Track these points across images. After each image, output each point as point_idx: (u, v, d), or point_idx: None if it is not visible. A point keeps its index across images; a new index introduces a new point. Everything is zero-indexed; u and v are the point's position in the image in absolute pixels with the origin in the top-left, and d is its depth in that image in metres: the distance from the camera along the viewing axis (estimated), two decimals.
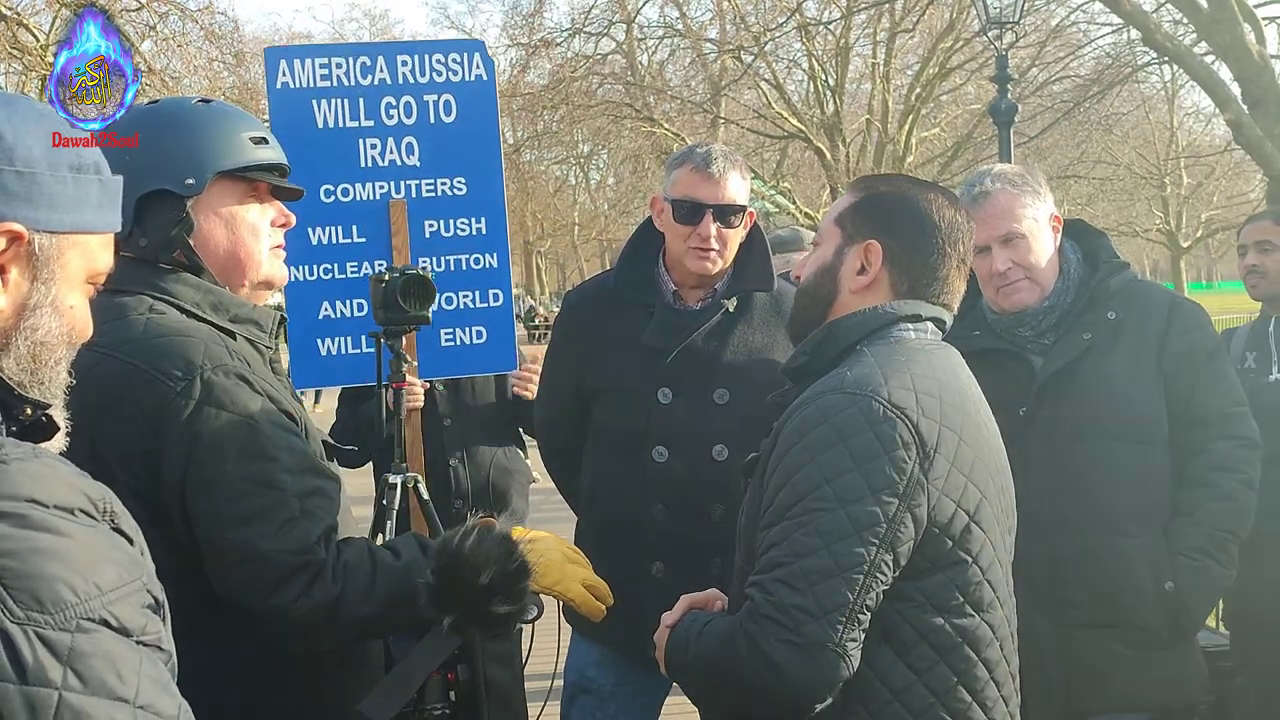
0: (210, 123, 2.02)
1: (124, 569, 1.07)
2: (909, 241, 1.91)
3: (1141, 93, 27.06)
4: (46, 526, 1.02)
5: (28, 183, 1.17)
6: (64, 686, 0.98)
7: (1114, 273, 2.79)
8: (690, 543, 2.76)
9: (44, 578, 0.99)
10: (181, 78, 23.02)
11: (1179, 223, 36.46)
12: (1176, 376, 2.72)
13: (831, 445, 1.72)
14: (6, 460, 1.04)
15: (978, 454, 1.83)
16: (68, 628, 0.99)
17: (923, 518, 1.73)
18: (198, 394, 1.82)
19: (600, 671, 2.93)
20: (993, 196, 2.77)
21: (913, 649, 1.76)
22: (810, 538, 1.69)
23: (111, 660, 1.01)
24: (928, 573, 1.75)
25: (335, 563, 1.88)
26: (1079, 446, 2.67)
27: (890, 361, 1.81)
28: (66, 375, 1.26)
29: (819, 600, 1.66)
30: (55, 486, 1.05)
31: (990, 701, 1.81)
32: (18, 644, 0.97)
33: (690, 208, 2.79)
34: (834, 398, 1.76)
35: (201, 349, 1.86)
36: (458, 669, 2.22)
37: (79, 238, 1.23)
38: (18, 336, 1.19)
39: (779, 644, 1.67)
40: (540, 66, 25.84)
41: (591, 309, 2.99)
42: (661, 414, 2.79)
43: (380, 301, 2.95)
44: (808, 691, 1.68)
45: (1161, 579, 2.65)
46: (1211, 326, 2.85)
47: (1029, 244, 2.76)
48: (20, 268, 1.18)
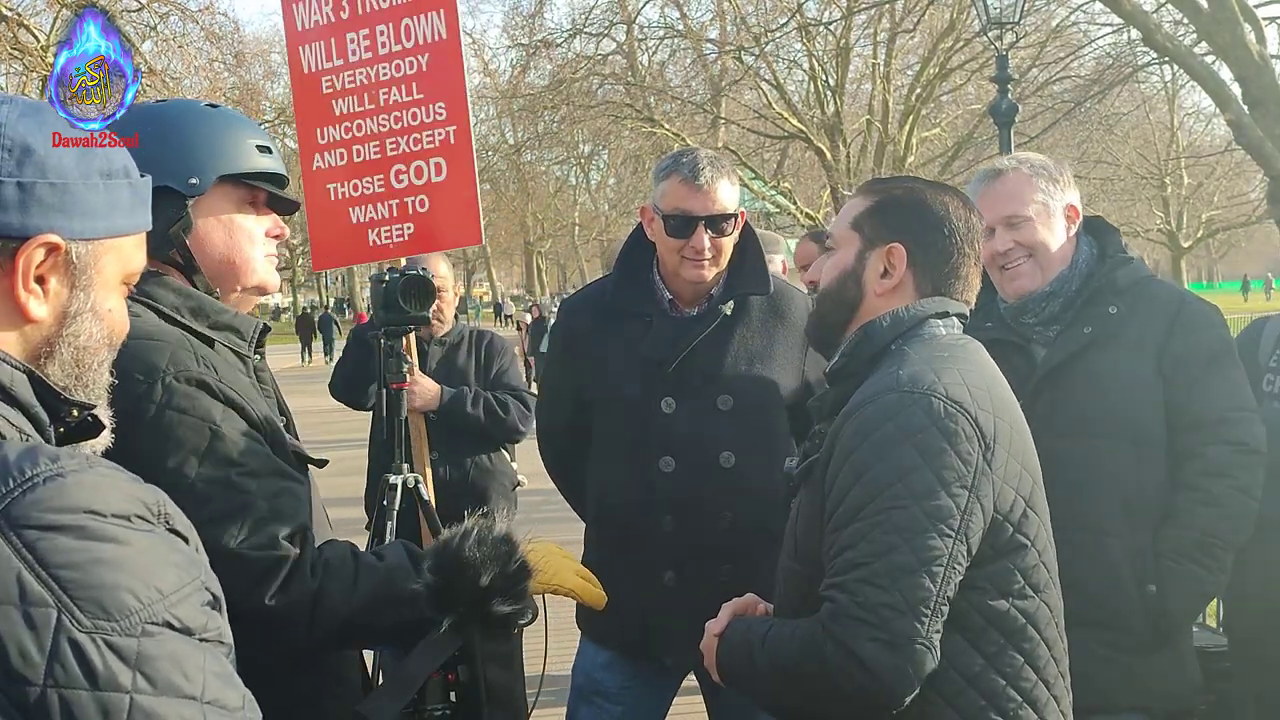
0: (218, 126, 2.04)
1: (183, 570, 1.10)
2: (930, 243, 1.95)
3: (1142, 93, 27.07)
4: (106, 536, 1.05)
5: (61, 193, 1.20)
6: (134, 689, 1.02)
7: (1119, 266, 2.76)
8: (700, 551, 2.75)
9: (107, 587, 1.03)
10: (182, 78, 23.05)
11: (1179, 223, 36.53)
12: (1174, 378, 2.68)
13: (898, 444, 1.75)
14: (64, 473, 1.06)
15: (1024, 440, 1.89)
16: (134, 633, 1.03)
17: (989, 507, 1.77)
18: (159, 398, 1.83)
19: (607, 674, 2.93)
20: (1005, 176, 2.76)
21: (982, 635, 1.80)
22: (888, 535, 1.71)
23: (177, 660, 1.05)
24: (992, 559, 1.79)
25: (315, 560, 1.88)
26: (1070, 443, 2.64)
27: (935, 358, 1.85)
28: (109, 375, 1.30)
29: (904, 596, 1.69)
30: (111, 495, 1.08)
31: (1052, 679, 1.87)
32: (87, 652, 1.01)
33: (681, 221, 2.77)
34: (892, 397, 1.79)
35: (167, 354, 1.86)
36: (458, 670, 2.22)
37: (113, 241, 1.26)
38: (61, 344, 1.23)
39: (869, 643, 1.69)
40: (541, 67, 25.95)
41: (587, 320, 2.97)
42: (666, 423, 2.77)
43: (380, 302, 2.95)
44: (899, 687, 1.72)
45: (1144, 581, 2.63)
46: (1222, 328, 2.78)
47: (1034, 226, 2.74)
48: (59, 277, 1.22)
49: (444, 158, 3.45)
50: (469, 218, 3.46)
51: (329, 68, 3.51)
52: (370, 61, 3.49)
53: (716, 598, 2.69)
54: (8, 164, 1.17)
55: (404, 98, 3.48)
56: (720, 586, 2.72)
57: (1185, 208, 37.26)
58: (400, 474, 3.06)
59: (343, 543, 1.99)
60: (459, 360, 4.68)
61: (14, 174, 1.17)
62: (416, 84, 3.48)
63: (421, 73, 3.47)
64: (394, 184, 3.47)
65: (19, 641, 0.99)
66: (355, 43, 3.51)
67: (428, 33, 3.47)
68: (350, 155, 3.50)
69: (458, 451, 4.49)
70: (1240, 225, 37.15)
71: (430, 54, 3.46)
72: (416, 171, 3.48)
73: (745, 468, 2.75)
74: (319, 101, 3.51)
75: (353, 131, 3.51)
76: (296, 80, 3.59)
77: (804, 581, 1.90)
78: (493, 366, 4.72)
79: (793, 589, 1.97)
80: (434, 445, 4.01)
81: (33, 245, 1.18)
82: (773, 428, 2.81)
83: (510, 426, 4.59)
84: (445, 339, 4.69)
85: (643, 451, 2.78)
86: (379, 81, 3.49)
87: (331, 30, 3.51)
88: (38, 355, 1.22)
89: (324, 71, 3.51)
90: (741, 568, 2.74)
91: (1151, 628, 2.64)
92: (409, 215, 3.47)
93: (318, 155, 3.52)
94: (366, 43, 3.50)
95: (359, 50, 3.50)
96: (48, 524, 1.03)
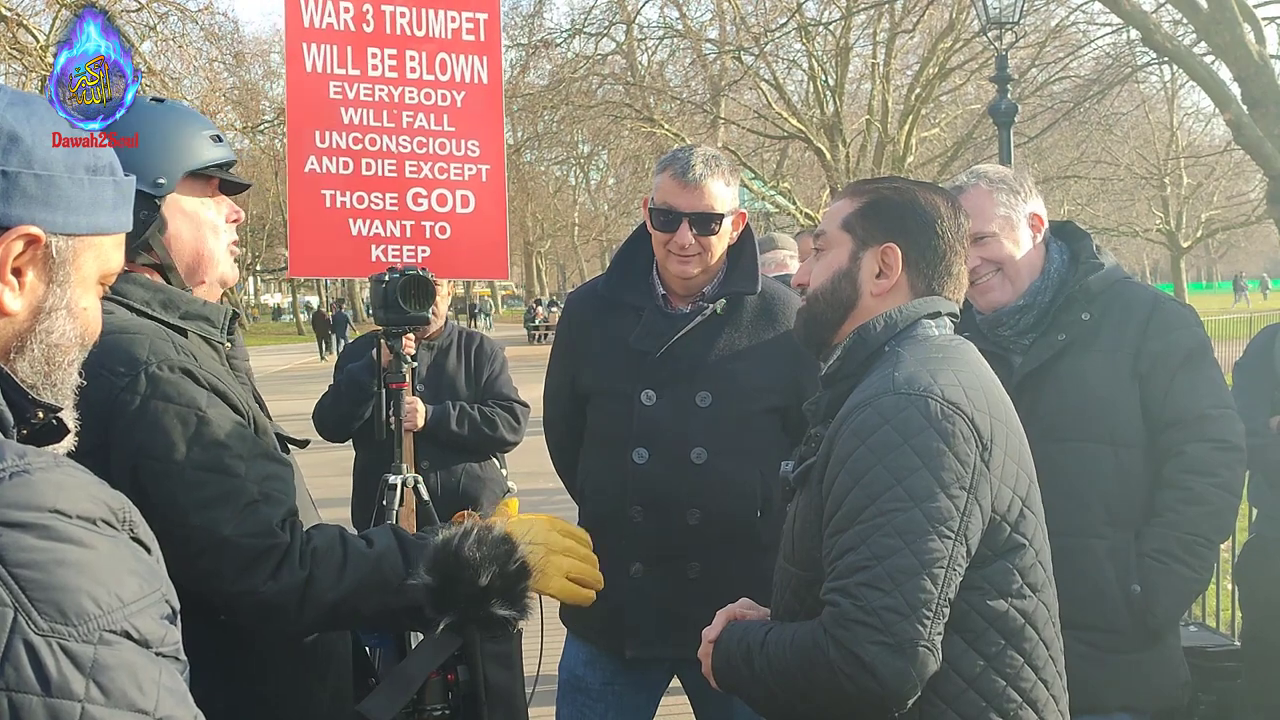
0: (173, 123, 2.04)
1: (144, 580, 1.06)
2: (923, 242, 1.95)
3: (1141, 93, 27.09)
4: (70, 538, 1.02)
5: (46, 185, 1.17)
6: (87, 699, 0.98)
7: (1090, 272, 2.77)
8: (667, 545, 2.76)
9: (67, 589, 0.99)
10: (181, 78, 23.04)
11: (1179, 223, 36.51)
12: (1151, 377, 2.69)
13: (896, 446, 1.75)
14: (30, 469, 1.03)
15: (1020, 440, 1.89)
16: (91, 640, 0.99)
17: (987, 508, 1.78)
18: (143, 389, 1.83)
19: (589, 671, 2.94)
20: (965, 193, 2.77)
21: (982, 636, 1.80)
22: (889, 538, 1.71)
23: (133, 672, 1.01)
24: (990, 560, 1.80)
25: (304, 547, 1.88)
26: (1052, 447, 2.64)
27: (929, 359, 1.85)
28: (77, 377, 1.26)
29: (906, 599, 1.69)
30: (78, 496, 1.05)
31: (1050, 678, 1.87)
32: (42, 656, 0.97)
33: (667, 215, 2.79)
34: (889, 399, 1.79)
35: (146, 345, 1.87)
36: (457, 670, 2.22)
37: (94, 239, 1.23)
38: (33, 339, 1.19)
39: (871, 646, 1.69)
40: (540, 67, 25.88)
41: (587, 311, 3.00)
42: (644, 415, 2.79)
43: (380, 302, 2.95)
44: (903, 689, 1.72)
45: (1128, 581, 2.63)
46: (1197, 328, 2.79)
47: (999, 241, 2.76)
48: (37, 270, 1.18)
49: (473, 192, 3.50)
50: (495, 252, 3.52)
51: (341, 75, 3.49)
52: (395, 81, 3.50)
53: (684, 594, 2.70)
54: None
55: (431, 125, 3.50)
56: (689, 584, 2.73)
57: (1184, 208, 37.23)
58: (400, 474, 3.06)
59: (331, 527, 1.99)
60: (448, 366, 4.64)
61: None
62: (448, 116, 3.51)
63: (455, 108, 3.52)
64: (411, 206, 3.48)
65: None
66: (378, 58, 3.51)
67: (466, 73, 3.53)
68: (358, 166, 3.48)
69: (447, 460, 4.47)
70: (1240, 225, 37.14)
71: (467, 93, 3.53)
72: (439, 199, 3.51)
73: (717, 465, 2.75)
74: (323, 104, 3.49)
75: (363, 144, 3.49)
76: (295, 75, 3.55)
77: (802, 585, 1.91)
78: (482, 374, 4.66)
79: (790, 592, 1.97)
80: (424, 454, 4.00)
81: (12, 236, 1.15)
82: (751, 428, 2.79)
83: (497, 440, 4.55)
84: (434, 342, 4.63)
85: (620, 442, 2.80)
86: (403, 104, 3.50)
87: (349, 37, 3.50)
88: (7, 350, 1.18)
89: (334, 76, 3.49)
90: (711, 566, 2.75)
91: (1138, 627, 2.64)
92: (425, 238, 3.48)
93: (313, 158, 3.48)
94: (392, 62, 3.51)
95: (382, 67, 3.50)
96: (11, 520, 0.99)
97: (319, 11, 3.52)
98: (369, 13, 3.52)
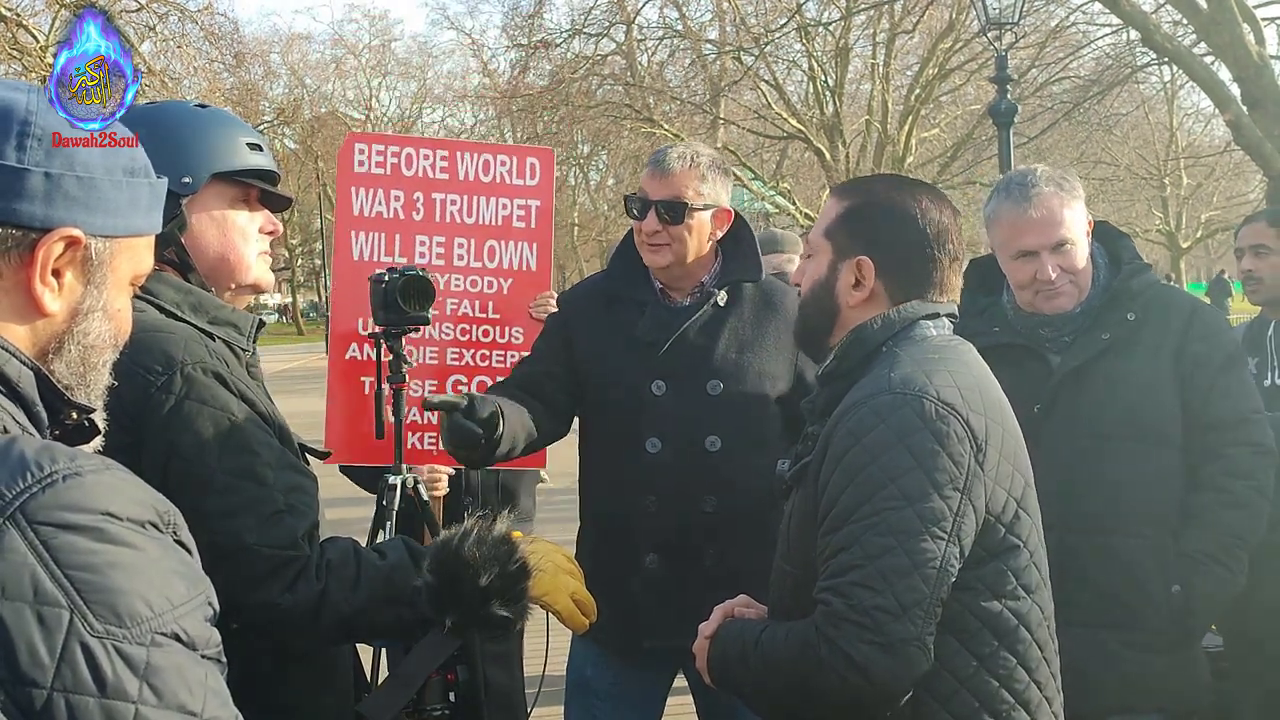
0: (209, 125, 2.05)
1: (191, 582, 1.08)
2: (898, 253, 1.93)
3: (1141, 93, 27.05)
4: (122, 540, 1.03)
5: (87, 188, 1.18)
6: (140, 700, 1.00)
7: (1136, 274, 2.79)
8: (683, 534, 2.78)
9: (121, 592, 1.01)
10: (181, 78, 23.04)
11: (1179, 223, 36.51)
12: (1193, 380, 2.70)
13: (891, 446, 1.75)
14: (82, 472, 1.04)
15: (1016, 441, 1.89)
16: (143, 642, 1.01)
17: (981, 508, 1.78)
18: (178, 389, 1.83)
19: (597, 671, 2.94)
20: (1044, 199, 2.73)
21: (975, 636, 1.80)
22: (882, 538, 1.72)
23: (182, 674, 1.03)
24: (985, 561, 1.80)
25: (319, 560, 1.88)
26: (1092, 445, 2.66)
27: (925, 360, 1.85)
28: (109, 377, 1.27)
29: (899, 599, 1.70)
30: (128, 499, 1.06)
31: (1044, 680, 1.87)
32: (98, 657, 0.99)
33: (639, 203, 2.85)
34: (885, 399, 1.79)
35: (182, 345, 1.87)
36: (457, 670, 2.22)
37: (129, 241, 1.25)
38: (70, 341, 1.21)
39: (863, 645, 1.70)
40: (540, 67, 25.89)
41: (586, 304, 3.02)
42: (655, 405, 2.81)
43: (380, 302, 2.94)
44: (894, 689, 1.72)
45: (1169, 582, 2.64)
46: (1231, 332, 2.85)
47: (1076, 250, 2.75)
48: (75, 272, 1.20)
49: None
50: None
51: (388, 262, 3.48)
52: (441, 269, 3.56)
53: (700, 584, 2.70)
54: (36, 153, 1.15)
55: (475, 313, 3.62)
56: (704, 573, 2.74)
57: (1184, 208, 37.23)
58: (400, 474, 3.05)
59: (344, 539, 1.99)
60: None
61: (42, 164, 1.15)
62: (494, 304, 3.62)
63: (501, 295, 3.60)
64: None
65: (29, 641, 0.97)
66: (426, 245, 3.61)
67: (515, 260, 3.64)
68: None
69: None
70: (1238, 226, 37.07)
71: (514, 280, 3.61)
72: (479, 387, 3.44)
73: (732, 452, 2.77)
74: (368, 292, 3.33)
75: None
76: (342, 263, 3.60)
77: (797, 583, 1.91)
78: None
79: (786, 591, 1.97)
80: None
81: (54, 238, 1.16)
82: (762, 415, 2.83)
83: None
84: None
85: (632, 433, 2.82)
86: (448, 291, 3.55)
87: (397, 225, 3.59)
88: (45, 351, 1.20)
89: (379, 264, 3.45)
90: (727, 555, 2.76)
91: (1175, 628, 2.65)
92: None
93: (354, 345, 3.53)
94: (440, 249, 3.61)
95: (429, 255, 3.61)
96: (65, 523, 1.00)
97: (369, 200, 3.51)
98: (419, 200, 3.53)
